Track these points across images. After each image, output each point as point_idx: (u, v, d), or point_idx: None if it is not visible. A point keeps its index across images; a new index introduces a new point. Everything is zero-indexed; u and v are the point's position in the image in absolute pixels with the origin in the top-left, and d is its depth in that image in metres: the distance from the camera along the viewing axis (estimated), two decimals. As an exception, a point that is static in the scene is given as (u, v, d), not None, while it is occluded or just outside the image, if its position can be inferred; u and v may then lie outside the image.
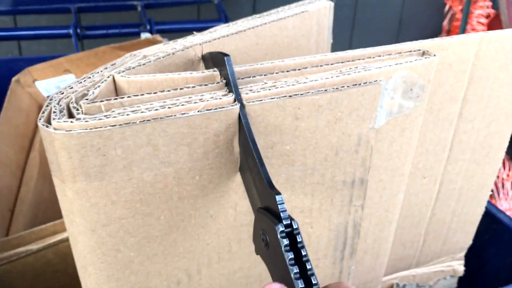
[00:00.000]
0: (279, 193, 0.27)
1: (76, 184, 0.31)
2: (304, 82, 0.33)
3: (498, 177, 1.58)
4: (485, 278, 0.58)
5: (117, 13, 1.12)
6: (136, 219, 0.34)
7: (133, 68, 0.35)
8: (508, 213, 1.53)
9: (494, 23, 1.72)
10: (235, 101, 0.32)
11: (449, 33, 1.79)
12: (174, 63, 0.37)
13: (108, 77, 0.34)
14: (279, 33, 0.42)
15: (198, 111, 0.31)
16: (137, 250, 0.35)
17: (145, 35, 0.80)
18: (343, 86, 0.34)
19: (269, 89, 0.32)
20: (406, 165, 0.41)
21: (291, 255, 0.26)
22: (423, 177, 0.46)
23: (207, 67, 0.37)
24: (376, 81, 0.34)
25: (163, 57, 0.36)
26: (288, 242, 0.26)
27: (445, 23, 1.77)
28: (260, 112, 0.32)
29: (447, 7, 1.75)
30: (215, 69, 0.35)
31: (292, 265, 0.26)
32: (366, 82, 0.34)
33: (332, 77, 0.33)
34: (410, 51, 0.37)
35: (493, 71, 0.42)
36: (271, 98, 0.32)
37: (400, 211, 0.47)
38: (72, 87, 0.33)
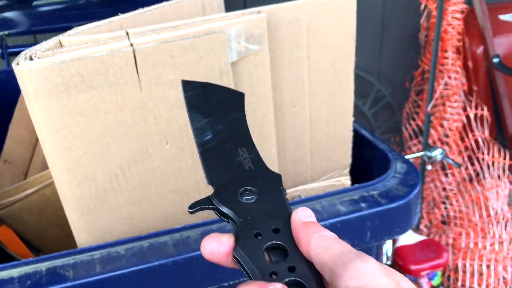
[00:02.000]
0: None
1: (37, 101, 0.52)
2: (175, 32, 0.53)
3: (483, 159, 1.72)
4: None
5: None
6: (79, 127, 0.54)
7: (74, 33, 0.56)
8: (494, 190, 1.67)
9: (470, 17, 1.86)
10: (131, 45, 0.52)
11: (428, 30, 1.94)
12: (100, 31, 0.58)
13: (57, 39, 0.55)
14: (176, 10, 0.63)
15: (106, 52, 0.51)
16: (83, 150, 0.56)
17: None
18: (200, 35, 0.54)
19: (152, 36, 0.53)
20: (267, 91, 0.61)
21: None
22: (293, 106, 0.65)
23: None
24: (222, 31, 0.55)
25: (93, 27, 0.57)
26: None
27: (423, 20, 1.93)
28: (148, 52, 0.52)
29: (422, 6, 1.92)
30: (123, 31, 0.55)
31: None
32: (215, 32, 0.54)
33: (193, 28, 0.54)
34: (251, 13, 0.57)
35: (323, 25, 0.61)
36: (153, 44, 0.52)
37: (283, 134, 0.66)
38: (35, 47, 0.54)
